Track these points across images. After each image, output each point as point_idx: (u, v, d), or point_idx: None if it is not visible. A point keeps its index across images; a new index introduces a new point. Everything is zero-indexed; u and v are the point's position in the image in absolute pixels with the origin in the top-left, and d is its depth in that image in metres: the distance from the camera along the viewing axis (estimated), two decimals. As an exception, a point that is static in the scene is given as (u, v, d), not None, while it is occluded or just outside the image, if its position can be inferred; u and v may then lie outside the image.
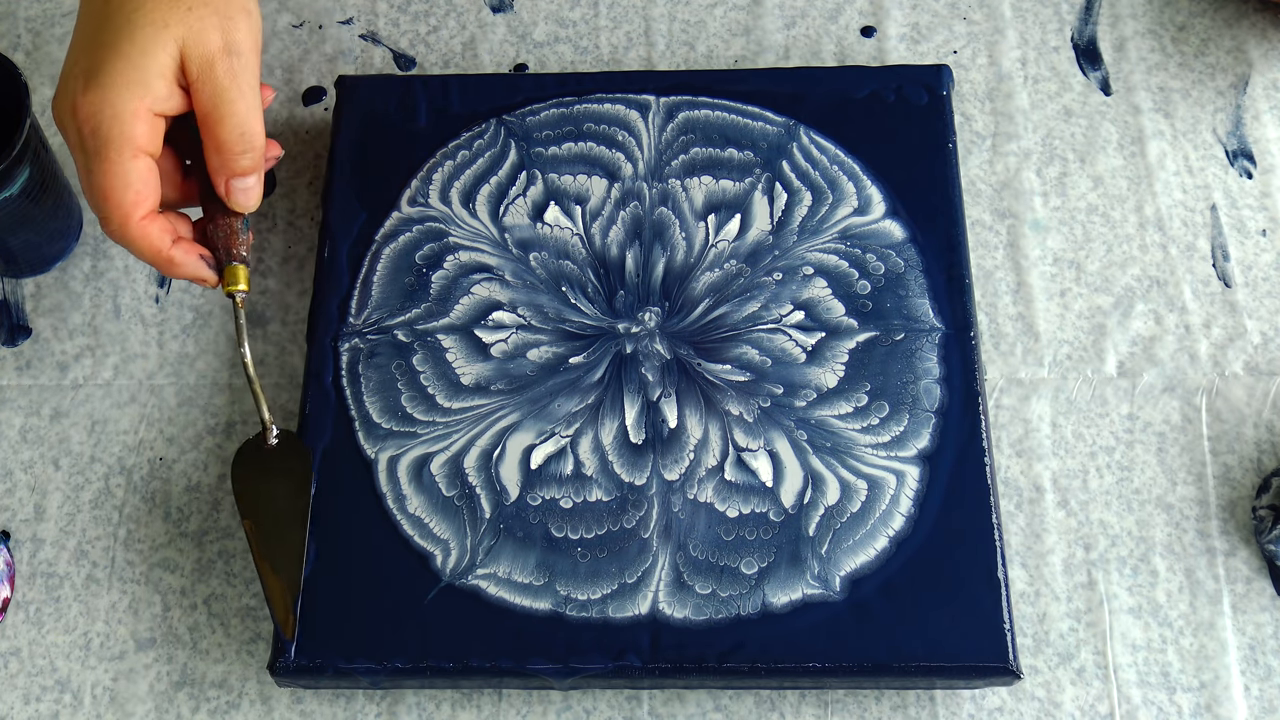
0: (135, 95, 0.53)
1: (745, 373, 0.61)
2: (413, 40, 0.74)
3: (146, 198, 0.54)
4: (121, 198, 0.54)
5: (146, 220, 0.55)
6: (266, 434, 0.60)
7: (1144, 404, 0.64)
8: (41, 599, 0.62)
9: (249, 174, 0.56)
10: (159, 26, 0.54)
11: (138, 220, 0.54)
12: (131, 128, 0.53)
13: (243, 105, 0.55)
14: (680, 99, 0.68)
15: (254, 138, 0.55)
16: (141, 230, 0.54)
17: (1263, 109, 0.71)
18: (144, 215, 0.54)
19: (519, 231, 0.65)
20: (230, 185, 0.56)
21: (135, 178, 0.54)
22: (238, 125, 0.55)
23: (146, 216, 0.54)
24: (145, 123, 0.53)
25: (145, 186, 0.54)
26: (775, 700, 0.59)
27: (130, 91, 0.53)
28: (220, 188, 0.56)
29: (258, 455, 0.60)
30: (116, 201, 0.54)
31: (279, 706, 0.60)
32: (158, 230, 0.55)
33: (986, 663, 0.56)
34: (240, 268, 0.58)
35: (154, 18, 0.54)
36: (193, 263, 0.57)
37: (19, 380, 0.66)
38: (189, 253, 0.56)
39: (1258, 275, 0.67)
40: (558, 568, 0.58)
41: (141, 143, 0.53)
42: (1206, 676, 0.59)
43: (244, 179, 0.56)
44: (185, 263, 0.56)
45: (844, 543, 0.58)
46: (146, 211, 0.54)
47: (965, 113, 0.71)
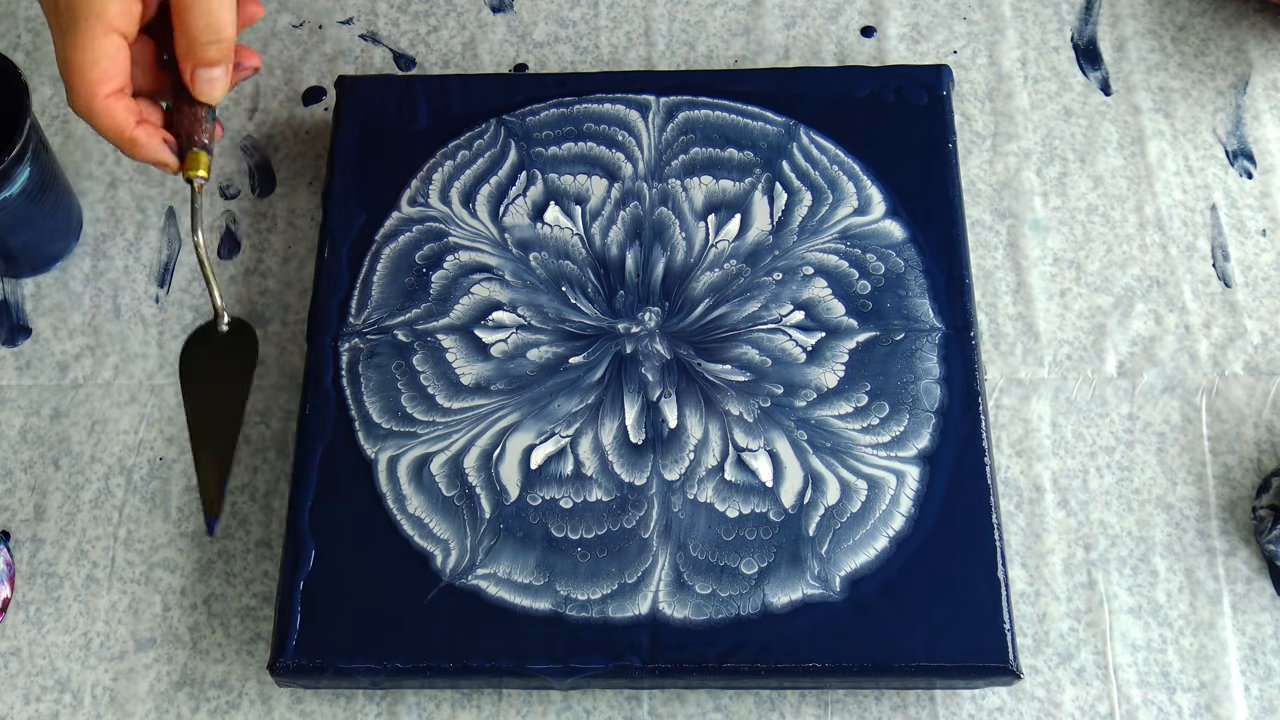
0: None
1: (745, 373, 0.61)
2: (413, 40, 0.74)
3: (114, 75, 0.54)
4: (89, 72, 0.53)
5: (112, 98, 0.54)
6: (218, 320, 0.60)
7: (1144, 404, 0.64)
8: (41, 599, 0.62)
9: (215, 65, 0.56)
10: None
11: (103, 97, 0.54)
12: (104, 4, 0.53)
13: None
14: (680, 99, 0.68)
15: (222, 28, 0.55)
16: (105, 106, 0.54)
17: (1263, 109, 0.71)
18: (110, 93, 0.54)
19: (519, 231, 0.65)
20: (195, 73, 0.56)
21: (103, 54, 0.53)
22: (206, 13, 0.55)
23: (113, 95, 0.54)
24: (120, 2, 0.54)
25: (113, 64, 0.54)
26: (775, 700, 0.59)
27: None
28: (186, 74, 0.56)
29: (206, 341, 0.60)
30: (83, 75, 0.54)
31: (279, 706, 0.60)
32: (122, 109, 0.55)
33: (986, 663, 0.56)
34: (201, 154, 0.57)
35: None
36: (155, 145, 0.56)
37: (19, 380, 0.66)
38: (152, 135, 0.56)
39: (1258, 275, 0.67)
40: (558, 568, 0.58)
41: (114, 21, 0.54)
42: (1206, 676, 0.59)
43: (209, 69, 0.56)
44: (148, 144, 0.56)
45: (844, 543, 0.58)
46: (113, 90, 0.54)
47: (965, 113, 0.71)
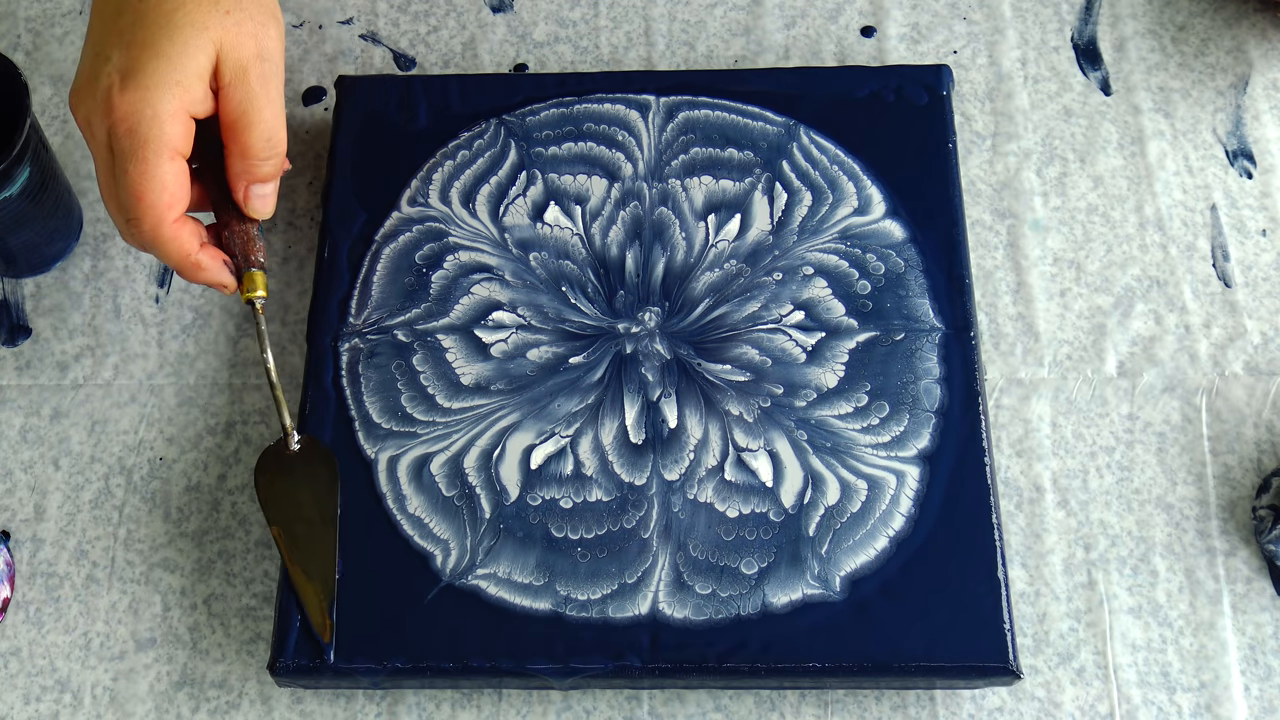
0: (175, 96, 0.52)
1: (745, 373, 0.61)
2: (413, 40, 0.74)
3: (180, 200, 0.54)
4: (157, 199, 0.53)
5: (179, 223, 0.54)
6: (288, 439, 0.60)
7: (1144, 404, 0.64)
8: (41, 599, 0.62)
9: (269, 180, 0.56)
10: (199, 28, 0.53)
11: (170, 223, 0.54)
12: (171, 129, 0.53)
13: (270, 112, 0.55)
14: (680, 99, 0.68)
15: (279, 144, 0.55)
16: (174, 233, 0.54)
17: (1263, 109, 0.71)
18: (176, 219, 0.54)
19: (519, 231, 0.65)
20: (250, 191, 0.56)
21: (171, 180, 0.53)
22: (265, 131, 0.55)
23: (178, 220, 0.54)
24: (182, 125, 0.53)
25: (180, 189, 0.54)
26: (775, 700, 0.59)
27: (171, 92, 0.52)
28: (239, 193, 0.56)
29: (280, 460, 0.60)
30: (151, 203, 0.53)
31: (279, 706, 0.60)
32: (188, 234, 0.55)
33: (986, 663, 0.56)
34: (259, 274, 0.57)
35: (194, 19, 0.53)
36: (217, 268, 0.56)
37: (19, 380, 0.66)
38: (214, 258, 0.56)
39: (1258, 275, 0.67)
40: (558, 568, 0.58)
41: (178, 145, 0.53)
42: (1206, 676, 0.59)
43: (263, 185, 0.56)
44: (211, 267, 0.56)
45: (844, 543, 0.58)
46: (179, 215, 0.54)
47: (965, 113, 0.71)
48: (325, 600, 0.57)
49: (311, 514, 0.59)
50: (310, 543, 0.58)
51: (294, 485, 0.59)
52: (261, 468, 0.60)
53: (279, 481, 0.60)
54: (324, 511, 0.59)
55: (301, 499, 0.59)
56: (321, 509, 0.59)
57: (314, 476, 0.59)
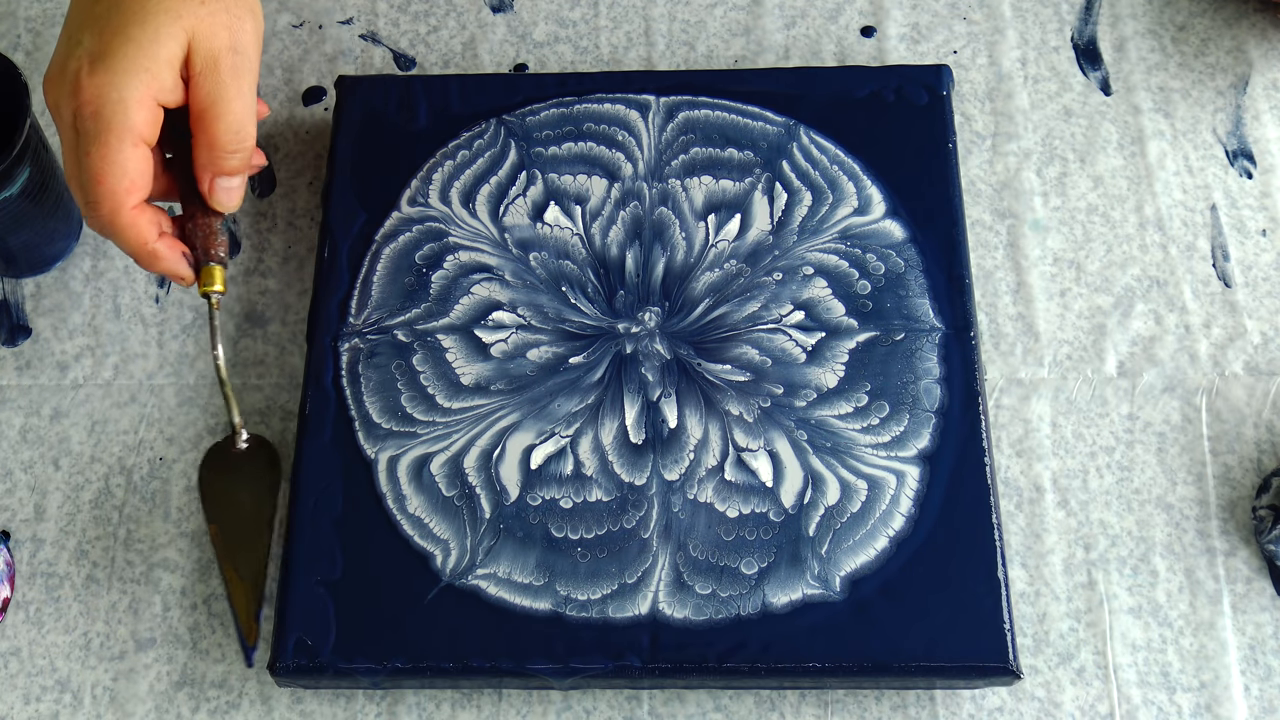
0: (143, 82, 0.52)
1: (745, 373, 0.61)
2: (413, 40, 0.74)
3: (140, 187, 0.53)
4: (116, 184, 0.53)
5: (137, 210, 0.54)
6: (236, 437, 0.60)
7: (1144, 404, 0.64)
8: (41, 599, 0.62)
9: (235, 174, 0.56)
10: (172, 16, 0.53)
11: (129, 209, 0.53)
12: (136, 115, 0.52)
13: (240, 105, 0.54)
14: (680, 99, 0.68)
15: (246, 138, 0.55)
16: (131, 219, 0.54)
17: (1263, 109, 0.71)
18: (135, 205, 0.54)
19: (519, 231, 0.65)
20: (215, 183, 0.56)
21: (132, 166, 0.53)
22: (233, 123, 0.54)
23: (137, 207, 0.54)
24: (148, 111, 0.53)
25: (140, 176, 0.53)
26: (775, 700, 0.59)
27: (139, 78, 0.52)
28: (204, 185, 0.56)
29: (226, 458, 0.60)
30: (110, 188, 0.53)
31: (279, 706, 0.60)
32: (146, 221, 0.54)
33: (986, 663, 0.56)
34: (217, 268, 0.57)
35: (168, 6, 0.53)
36: (174, 259, 0.56)
37: (19, 380, 0.66)
38: (172, 248, 0.56)
39: (1258, 275, 0.67)
40: (558, 568, 0.58)
41: (143, 131, 0.53)
42: (1206, 676, 0.59)
43: (229, 179, 0.56)
44: (167, 257, 0.55)
45: (844, 543, 0.58)
46: (138, 201, 0.54)
47: (965, 113, 0.71)
48: (254, 604, 0.57)
49: (249, 514, 0.59)
50: (245, 543, 0.58)
51: (236, 484, 0.60)
52: (206, 464, 0.60)
53: (222, 479, 0.60)
54: (262, 512, 0.59)
55: (242, 498, 0.59)
56: (260, 509, 0.59)
57: (257, 477, 0.60)
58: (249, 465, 0.60)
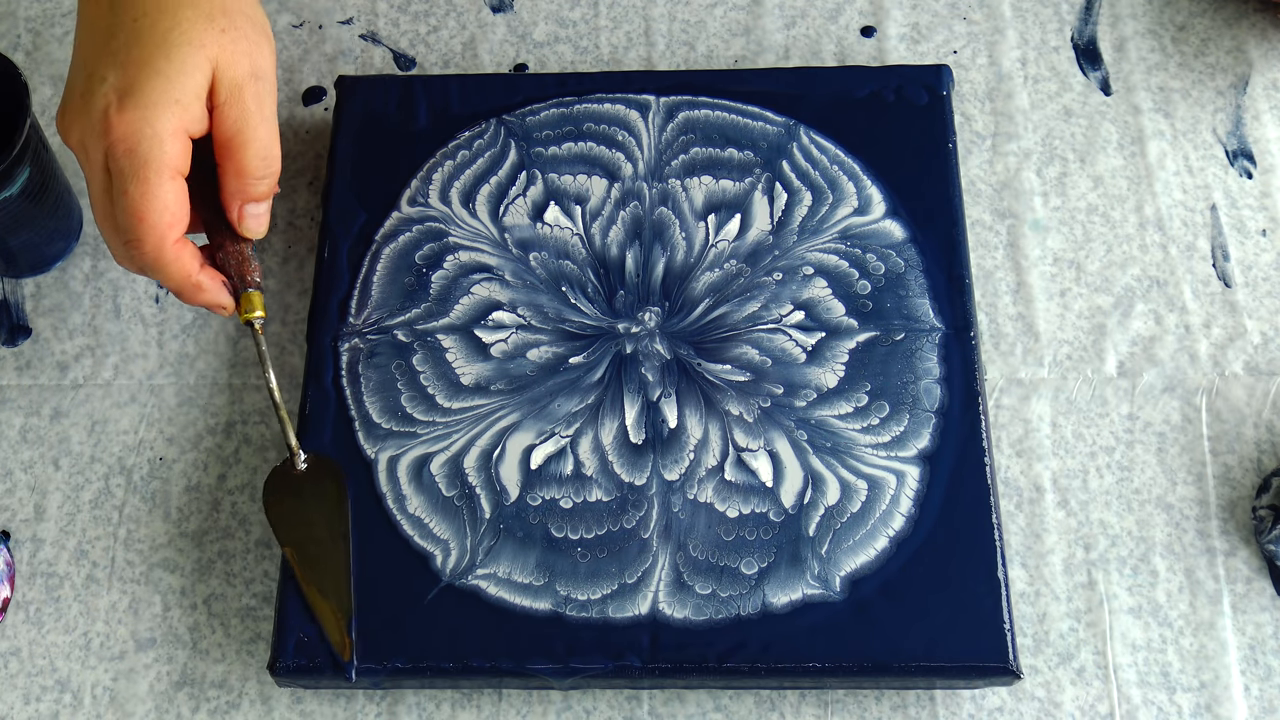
0: (175, 115, 0.52)
1: (745, 373, 0.61)
2: (413, 40, 0.74)
3: (181, 220, 0.53)
4: (159, 220, 0.52)
5: (180, 244, 0.54)
6: (294, 459, 0.59)
7: (1144, 404, 0.64)
8: (41, 599, 0.62)
9: (263, 199, 0.56)
10: (195, 46, 0.53)
11: (172, 244, 0.53)
12: (171, 148, 0.52)
13: (265, 130, 0.54)
14: (680, 99, 0.68)
15: (274, 162, 0.55)
16: (176, 254, 0.54)
17: (1263, 109, 0.71)
18: (177, 239, 0.53)
19: (519, 231, 0.65)
20: (244, 210, 0.56)
21: (173, 200, 0.52)
22: (260, 150, 0.54)
23: (179, 241, 0.54)
24: (182, 143, 0.52)
25: (181, 209, 0.53)
26: (775, 700, 0.59)
27: (170, 111, 0.52)
28: (233, 212, 0.56)
29: (288, 480, 0.59)
30: (153, 224, 0.52)
31: (279, 706, 0.60)
32: (189, 255, 0.54)
33: (986, 663, 0.56)
34: (256, 294, 0.57)
35: (190, 37, 0.53)
36: (217, 288, 0.56)
37: (19, 380, 0.66)
38: (214, 279, 0.56)
39: (1258, 275, 0.67)
40: (558, 568, 0.58)
41: (178, 164, 0.52)
42: (1206, 676, 0.59)
43: (257, 205, 0.56)
44: (210, 288, 0.56)
45: (844, 543, 0.58)
46: (179, 235, 0.53)
47: (965, 113, 0.71)
48: (344, 619, 0.57)
49: (322, 532, 0.58)
50: (323, 561, 0.58)
51: (303, 505, 0.59)
52: (270, 488, 0.60)
53: (288, 501, 0.59)
54: (334, 529, 0.58)
55: (312, 518, 0.59)
56: (332, 526, 0.58)
57: (323, 495, 0.59)
58: (313, 485, 0.59)
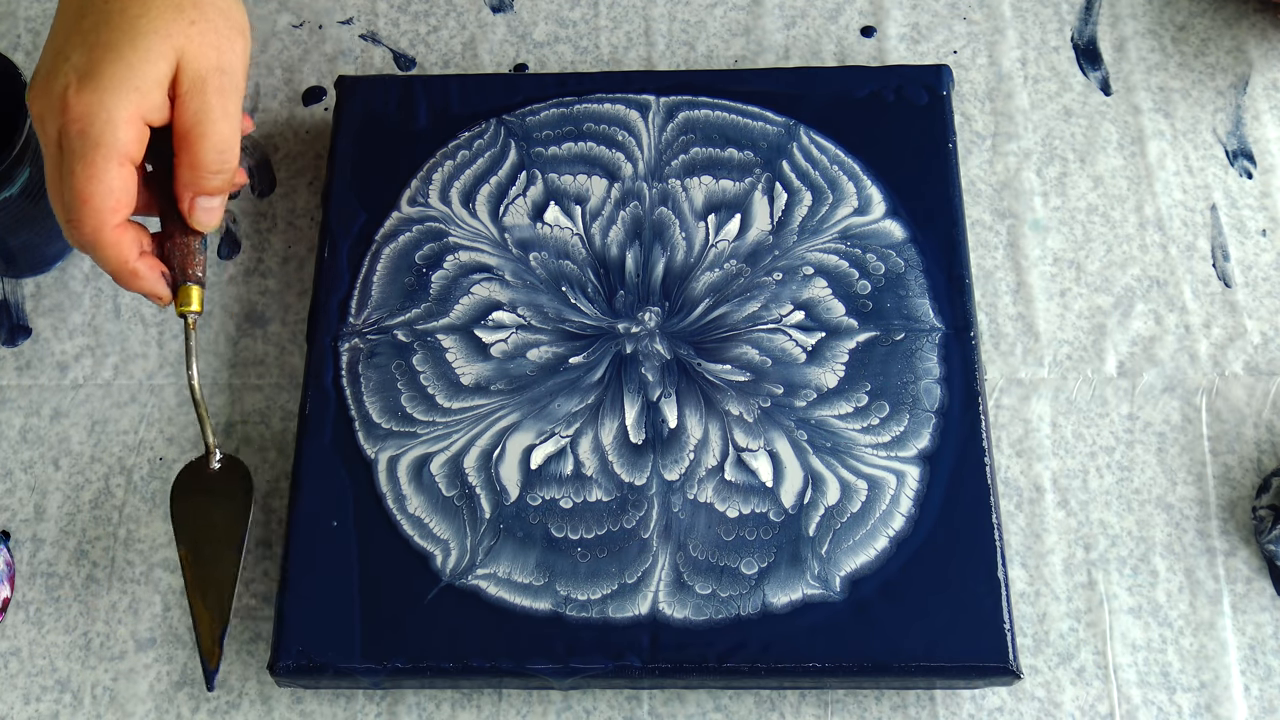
0: (132, 102, 0.52)
1: (745, 373, 0.61)
2: (413, 40, 0.74)
3: (124, 206, 0.53)
4: (101, 203, 0.52)
5: (120, 229, 0.53)
6: (209, 457, 0.59)
7: (1144, 404, 0.64)
8: (41, 599, 0.62)
9: (216, 194, 0.55)
10: (162, 35, 0.52)
11: (112, 228, 0.53)
12: (124, 134, 0.52)
13: (225, 125, 0.54)
14: (680, 99, 0.68)
15: (230, 159, 0.55)
16: (115, 238, 0.53)
17: (1263, 109, 0.71)
18: (118, 224, 0.53)
19: (519, 231, 0.65)
20: (195, 203, 0.55)
21: (118, 185, 0.52)
22: (218, 144, 0.54)
23: (120, 226, 0.53)
24: (136, 130, 0.52)
25: (125, 194, 0.53)
26: (775, 700, 0.59)
27: (128, 97, 0.52)
28: (184, 204, 0.55)
29: (199, 478, 0.59)
30: (95, 207, 0.52)
31: (279, 706, 0.60)
32: (129, 240, 0.54)
33: (986, 663, 0.56)
34: (195, 288, 0.56)
35: (158, 26, 0.53)
36: (154, 278, 0.55)
37: (19, 380, 0.66)
38: (152, 268, 0.55)
39: (1258, 275, 0.67)
40: (558, 568, 0.58)
41: (129, 150, 0.52)
42: (1206, 676, 0.59)
43: (210, 199, 0.55)
44: (147, 277, 0.55)
45: (844, 543, 0.58)
46: (121, 220, 0.53)
47: (965, 113, 0.71)
48: (218, 627, 0.56)
49: (220, 536, 0.57)
50: (213, 566, 0.57)
51: (208, 506, 0.58)
52: (179, 485, 0.59)
53: (193, 500, 0.58)
54: (232, 535, 0.57)
55: (214, 520, 0.58)
56: (230, 532, 0.57)
57: (230, 497, 0.58)
58: (222, 486, 0.58)
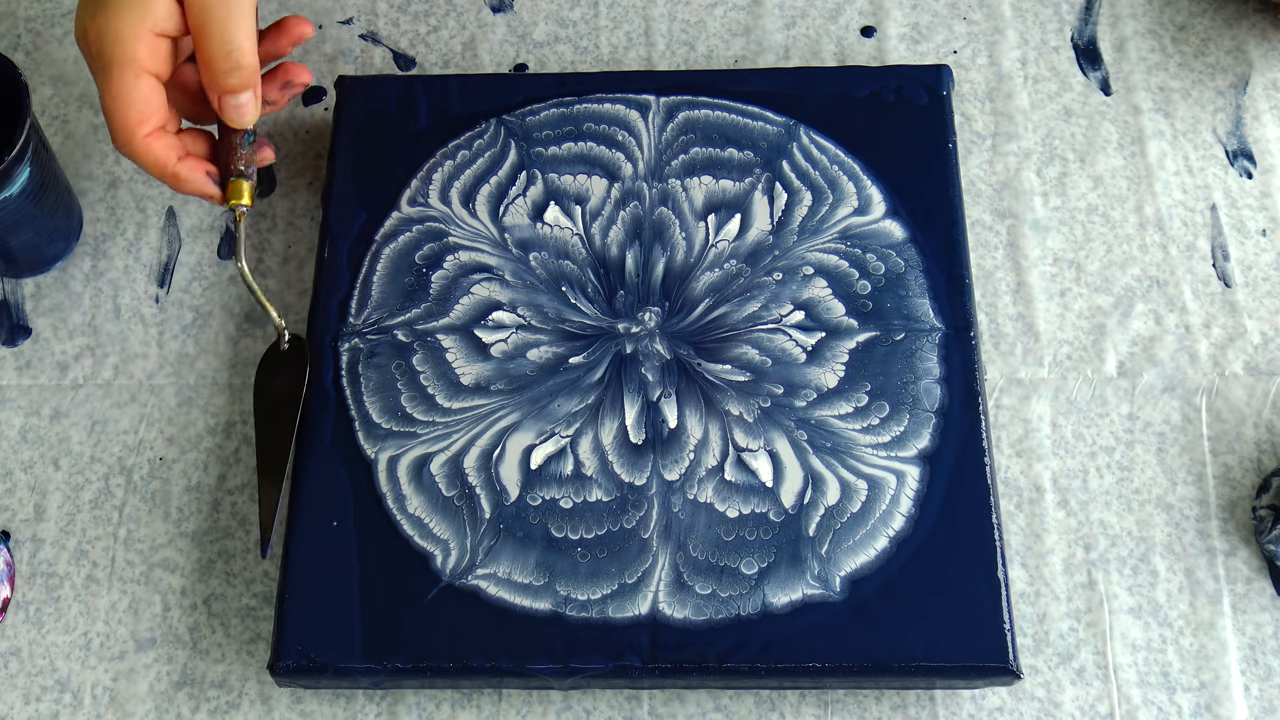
0: (136, 17, 0.55)
1: (745, 373, 0.61)
2: (413, 40, 0.74)
3: (149, 116, 0.56)
4: (126, 115, 0.56)
5: (151, 138, 0.57)
6: (280, 339, 0.62)
7: (1144, 404, 0.64)
8: (41, 599, 0.62)
9: (238, 92, 0.57)
10: None
11: (142, 137, 0.56)
12: (133, 48, 0.55)
13: (231, 24, 0.56)
14: (680, 99, 0.68)
15: (240, 55, 0.56)
16: (146, 146, 0.57)
17: (1263, 109, 0.71)
18: (149, 133, 0.56)
19: (519, 231, 0.65)
20: (223, 101, 0.58)
21: (138, 96, 0.55)
22: (223, 42, 0.56)
23: (152, 134, 0.56)
24: (146, 43, 0.55)
25: (148, 105, 0.56)
26: (775, 700, 0.59)
27: (131, 14, 0.55)
28: (214, 103, 0.58)
29: (271, 361, 0.63)
30: (121, 119, 0.56)
31: (279, 706, 0.60)
32: (162, 147, 0.57)
33: (986, 663, 0.56)
34: (243, 183, 0.59)
35: None
36: (198, 178, 0.58)
37: (19, 380, 0.66)
38: (194, 169, 0.58)
39: (1258, 275, 0.67)
40: (558, 568, 0.58)
41: (145, 63, 0.55)
42: (1206, 676, 0.59)
43: (235, 96, 0.58)
44: (190, 178, 0.58)
45: (844, 543, 0.58)
46: (151, 129, 0.56)
47: (965, 113, 0.71)
48: (273, 502, 0.59)
49: (279, 416, 0.61)
50: (275, 442, 0.60)
51: (274, 385, 0.62)
52: (260, 367, 0.63)
53: (264, 383, 0.62)
54: (290, 410, 0.61)
55: (276, 400, 0.61)
56: (289, 408, 0.61)
57: (290, 378, 0.62)
58: (285, 366, 0.62)
